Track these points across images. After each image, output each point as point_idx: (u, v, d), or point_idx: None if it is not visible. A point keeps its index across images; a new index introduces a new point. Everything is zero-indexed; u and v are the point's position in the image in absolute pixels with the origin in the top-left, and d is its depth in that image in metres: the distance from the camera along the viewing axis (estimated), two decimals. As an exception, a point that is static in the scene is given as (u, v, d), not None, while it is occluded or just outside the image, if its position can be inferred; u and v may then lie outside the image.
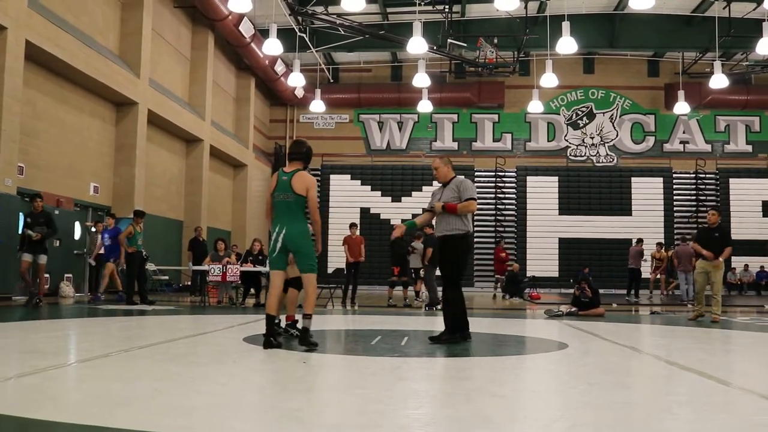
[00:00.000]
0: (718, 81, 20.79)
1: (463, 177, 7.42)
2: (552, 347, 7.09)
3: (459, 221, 7.12)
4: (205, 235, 18.79)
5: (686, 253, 17.37)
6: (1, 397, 3.76)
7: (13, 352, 5.82)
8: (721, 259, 11.15)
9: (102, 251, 15.06)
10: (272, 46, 18.35)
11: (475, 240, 27.65)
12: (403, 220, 8.43)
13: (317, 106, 25.54)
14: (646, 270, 20.79)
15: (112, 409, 3.49)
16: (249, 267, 14.08)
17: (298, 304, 7.29)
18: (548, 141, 29.45)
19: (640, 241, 20.30)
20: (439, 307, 11.18)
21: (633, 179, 28.82)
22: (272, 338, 6.22)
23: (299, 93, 27.58)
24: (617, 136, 29.29)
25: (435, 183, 7.62)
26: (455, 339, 7.04)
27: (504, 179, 29.09)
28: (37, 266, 12.22)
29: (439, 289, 9.30)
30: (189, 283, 19.37)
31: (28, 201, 14.38)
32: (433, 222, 7.61)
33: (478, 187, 28.24)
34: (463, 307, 7.20)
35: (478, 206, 27.73)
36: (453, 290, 7.20)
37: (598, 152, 29.21)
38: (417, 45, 17.38)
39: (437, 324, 8.80)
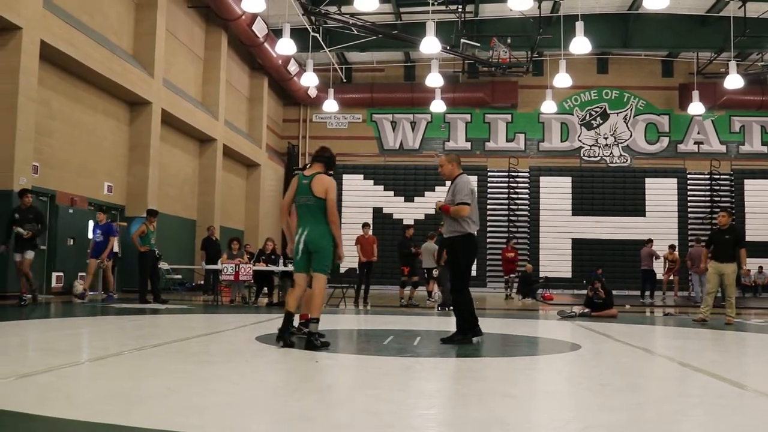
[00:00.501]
0: (733, 81, 20.59)
1: (463, 177, 7.27)
2: (564, 348, 7.07)
3: (457, 223, 7.11)
4: (218, 235, 18.86)
5: (699, 254, 17.29)
6: (16, 395, 3.79)
7: (27, 350, 5.86)
8: (744, 267, 11.47)
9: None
10: (285, 46, 18.39)
11: (488, 240, 27.62)
12: (416, 221, 8.46)
13: (330, 105, 25.56)
14: (659, 270, 20.65)
15: (126, 407, 3.51)
16: (262, 266, 14.13)
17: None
18: (561, 141, 29.32)
19: (649, 241, 20.18)
20: (452, 307, 11.17)
21: (647, 180, 28.65)
22: (285, 335, 6.25)
23: (312, 93, 27.62)
24: (631, 136, 29.12)
25: (448, 183, 7.60)
26: (467, 339, 7.03)
27: (517, 179, 28.99)
28: (23, 261, 11.42)
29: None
30: (202, 282, 19.44)
31: (45, 200, 14.52)
32: None
33: (490, 188, 28.27)
34: (471, 307, 7.18)
35: (491, 207, 28.18)
36: (459, 291, 7.20)
37: (611, 153, 29.06)
38: (430, 45, 17.36)
39: (450, 324, 8.80)
